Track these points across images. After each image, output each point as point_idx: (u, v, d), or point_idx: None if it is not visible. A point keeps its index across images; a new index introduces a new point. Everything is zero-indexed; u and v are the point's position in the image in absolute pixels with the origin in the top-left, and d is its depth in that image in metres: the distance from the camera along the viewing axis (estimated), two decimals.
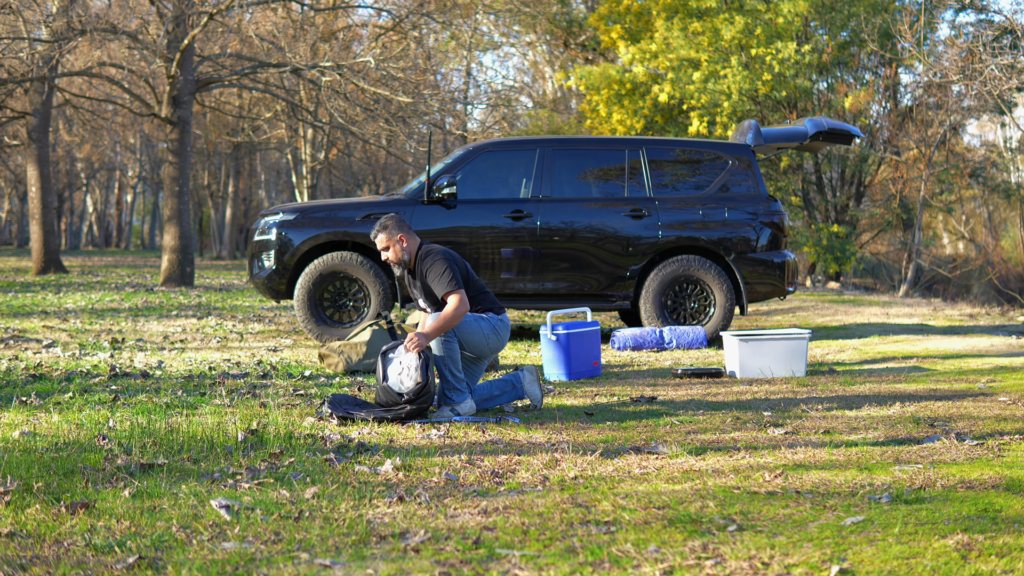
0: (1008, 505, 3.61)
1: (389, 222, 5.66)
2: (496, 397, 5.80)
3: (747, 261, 9.37)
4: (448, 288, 5.50)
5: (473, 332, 5.64)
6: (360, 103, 20.24)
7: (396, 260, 5.69)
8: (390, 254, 5.68)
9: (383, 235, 5.67)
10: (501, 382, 5.83)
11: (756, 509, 3.61)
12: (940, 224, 30.44)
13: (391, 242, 5.66)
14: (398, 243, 5.65)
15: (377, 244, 5.71)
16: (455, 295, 5.49)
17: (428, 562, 3.04)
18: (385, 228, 5.66)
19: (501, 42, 31.38)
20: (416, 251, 5.69)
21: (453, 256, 5.66)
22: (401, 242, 5.66)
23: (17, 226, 43.13)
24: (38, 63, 17.39)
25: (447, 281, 5.50)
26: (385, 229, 5.66)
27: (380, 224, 5.69)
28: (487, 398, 5.79)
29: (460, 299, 5.49)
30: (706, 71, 20.37)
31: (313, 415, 5.47)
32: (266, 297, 9.67)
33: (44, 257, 19.79)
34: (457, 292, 5.49)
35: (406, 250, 5.67)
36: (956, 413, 5.64)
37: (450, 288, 5.50)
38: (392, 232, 5.65)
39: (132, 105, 22.63)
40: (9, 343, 8.77)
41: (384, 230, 5.66)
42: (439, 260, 5.55)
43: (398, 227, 5.65)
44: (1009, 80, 14.90)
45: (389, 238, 5.66)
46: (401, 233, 5.65)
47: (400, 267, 5.71)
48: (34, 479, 3.89)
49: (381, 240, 5.68)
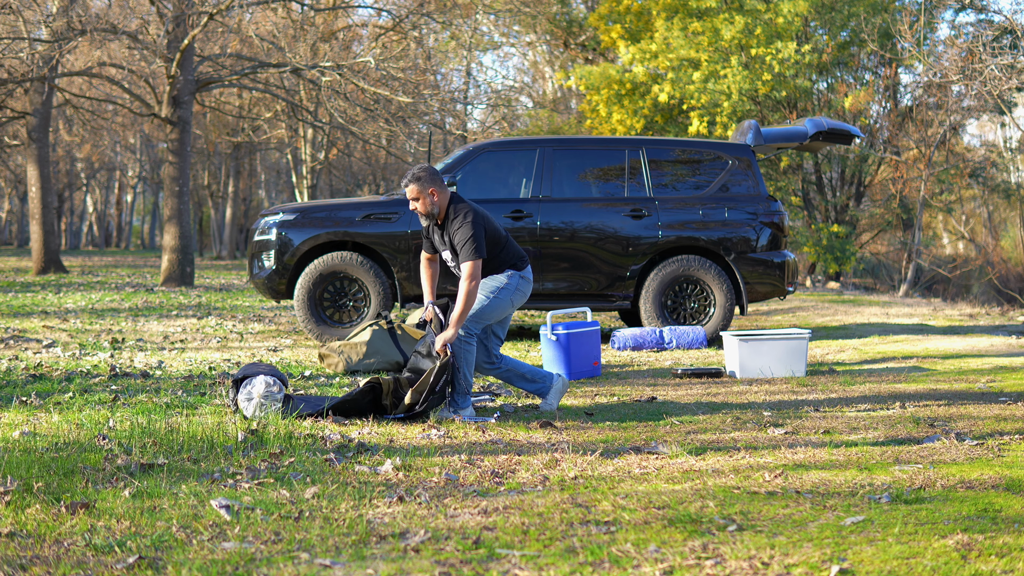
0: (1008, 505, 3.61)
1: (422, 174, 5.62)
2: (521, 376, 5.82)
3: (747, 261, 9.37)
4: (468, 256, 5.49)
5: (495, 308, 5.65)
6: (360, 103, 20.24)
7: (424, 212, 5.64)
8: (419, 205, 5.63)
9: (414, 186, 5.61)
10: (536, 371, 5.85)
11: (756, 509, 3.61)
12: (940, 224, 30.45)
13: (421, 194, 5.61)
14: (428, 196, 5.61)
15: (407, 194, 5.66)
16: (470, 264, 5.47)
17: (428, 562, 3.04)
18: (418, 179, 5.61)
19: (501, 42, 31.39)
20: (447, 205, 5.65)
21: (481, 217, 5.61)
22: (432, 195, 5.61)
23: (17, 226, 43.13)
24: (38, 63, 17.39)
25: (470, 250, 5.48)
26: (417, 180, 5.61)
27: (413, 175, 5.62)
28: (515, 371, 5.81)
29: (472, 271, 5.47)
30: (706, 71, 20.37)
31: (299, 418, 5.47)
32: (266, 297, 9.67)
33: (44, 257, 19.79)
34: (473, 261, 5.48)
35: (436, 204, 5.63)
36: (956, 413, 5.64)
37: (470, 257, 5.48)
38: (424, 184, 5.60)
39: (132, 105, 22.63)
40: (9, 343, 8.77)
41: (416, 181, 5.61)
42: (467, 224, 5.52)
43: (431, 180, 5.60)
44: (1009, 80, 14.90)
45: (420, 190, 5.61)
46: (432, 186, 5.61)
47: (427, 219, 5.69)
48: (34, 479, 3.88)
49: (412, 191, 5.62)
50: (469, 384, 5.62)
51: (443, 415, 5.53)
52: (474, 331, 5.61)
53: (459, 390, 5.60)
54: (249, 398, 5.31)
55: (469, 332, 5.60)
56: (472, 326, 5.60)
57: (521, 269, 5.74)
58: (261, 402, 5.29)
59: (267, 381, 5.35)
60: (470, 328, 5.60)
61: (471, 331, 5.60)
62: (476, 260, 5.49)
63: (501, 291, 5.66)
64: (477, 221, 5.54)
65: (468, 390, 5.63)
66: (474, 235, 5.49)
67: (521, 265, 5.75)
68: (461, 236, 5.51)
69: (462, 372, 5.58)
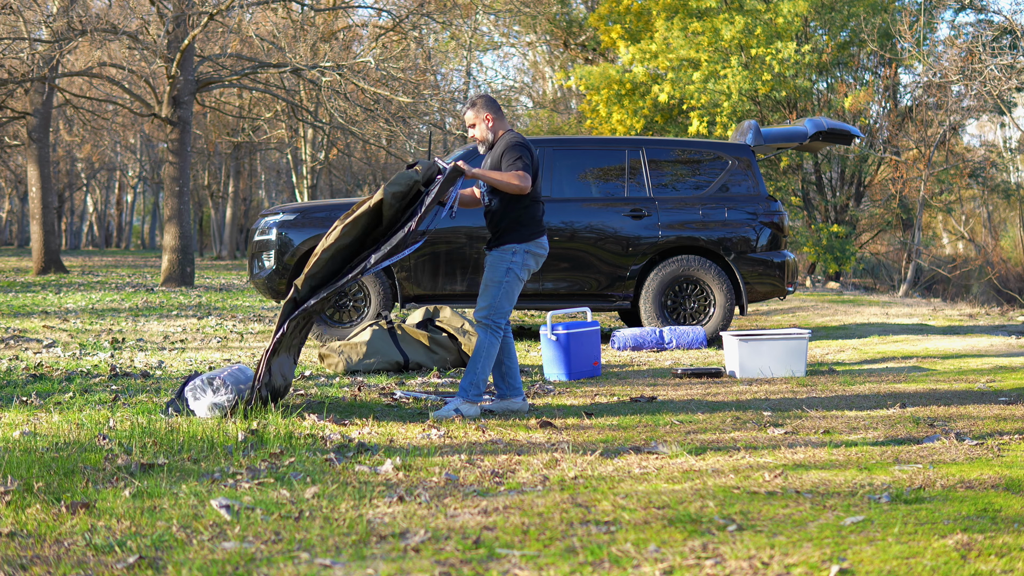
0: (1008, 505, 3.61)
1: (478, 100, 5.70)
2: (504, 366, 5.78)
3: (747, 261, 9.37)
4: (516, 168, 5.51)
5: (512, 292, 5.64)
6: (360, 103, 20.24)
7: (481, 138, 5.71)
8: (476, 132, 5.71)
9: (471, 112, 5.70)
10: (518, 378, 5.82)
11: (756, 509, 3.61)
12: (940, 224, 30.45)
13: (477, 119, 5.68)
14: (483, 122, 5.67)
15: (465, 121, 5.76)
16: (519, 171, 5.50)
17: (428, 562, 3.04)
18: (473, 105, 5.70)
19: (501, 42, 31.39)
20: (501, 133, 5.71)
21: (531, 152, 5.64)
22: (487, 121, 5.67)
23: (17, 226, 43.13)
24: (38, 63, 17.40)
25: (519, 166, 5.51)
26: (473, 106, 5.70)
27: (470, 100, 5.73)
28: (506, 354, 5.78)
29: (522, 177, 5.49)
30: (706, 71, 20.37)
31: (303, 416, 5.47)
32: (266, 297, 9.67)
33: (44, 257, 19.80)
34: (521, 171, 5.50)
35: (491, 130, 5.69)
36: (956, 413, 5.64)
37: (515, 168, 5.51)
38: (479, 110, 5.67)
39: (132, 105, 22.64)
40: (9, 343, 8.77)
41: (472, 107, 5.70)
42: (517, 146, 5.56)
43: (486, 106, 5.68)
44: (1009, 80, 14.90)
45: (476, 115, 5.68)
46: (488, 112, 5.67)
47: (484, 146, 5.76)
48: (34, 479, 3.89)
49: (469, 117, 5.72)
50: (485, 377, 5.61)
51: (445, 412, 5.51)
52: (501, 323, 5.63)
53: (472, 381, 5.58)
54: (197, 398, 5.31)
55: (496, 325, 5.61)
56: (498, 319, 5.62)
57: (528, 240, 5.66)
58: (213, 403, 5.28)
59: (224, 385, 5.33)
60: (497, 320, 5.61)
61: (498, 324, 5.61)
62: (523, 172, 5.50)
63: (508, 273, 5.64)
64: (527, 151, 5.59)
65: (483, 385, 5.61)
66: (521, 157, 5.54)
67: (529, 235, 5.66)
68: (509, 156, 5.55)
69: (481, 365, 5.58)
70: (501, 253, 5.66)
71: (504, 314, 5.63)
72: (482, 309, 5.63)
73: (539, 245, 5.72)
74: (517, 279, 5.67)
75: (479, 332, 5.65)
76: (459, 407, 5.55)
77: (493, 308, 5.61)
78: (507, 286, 5.63)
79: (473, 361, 5.62)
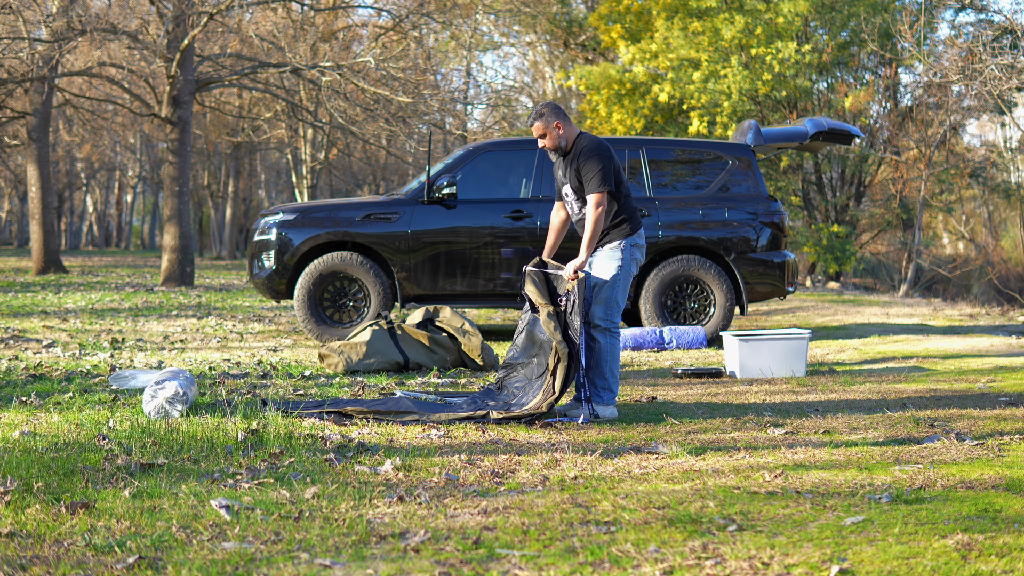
0: (1008, 505, 3.61)
1: (544, 109, 5.67)
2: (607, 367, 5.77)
3: (747, 261, 9.37)
4: (595, 188, 5.52)
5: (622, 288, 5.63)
6: (360, 103, 20.24)
7: (552, 147, 5.70)
8: (546, 141, 5.69)
9: (539, 122, 5.66)
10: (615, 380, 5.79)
11: (756, 509, 3.61)
12: (940, 224, 30.45)
13: (547, 129, 5.66)
14: (554, 130, 5.65)
15: (533, 132, 5.72)
16: (597, 195, 5.51)
17: (428, 562, 3.04)
18: (540, 116, 5.67)
19: (501, 42, 31.39)
20: (574, 138, 5.69)
21: (610, 154, 5.63)
22: (557, 128, 5.66)
23: (17, 226, 43.14)
24: (38, 63, 17.40)
25: (597, 182, 5.52)
26: (540, 116, 5.66)
27: (536, 111, 5.69)
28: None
29: (599, 200, 5.50)
30: (706, 71, 20.37)
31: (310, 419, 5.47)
32: (266, 297, 9.67)
33: (44, 257, 19.80)
34: (600, 192, 5.51)
35: (562, 136, 5.67)
36: (956, 413, 5.64)
37: (597, 188, 5.51)
38: (548, 119, 5.65)
39: (132, 105, 22.63)
40: (9, 343, 8.77)
41: (540, 117, 5.67)
42: (596, 157, 5.55)
43: (553, 114, 5.66)
44: (1009, 80, 14.90)
45: (545, 125, 5.65)
46: (557, 120, 5.65)
47: (556, 154, 5.74)
48: (34, 479, 3.88)
49: (537, 127, 5.68)
50: (616, 378, 5.61)
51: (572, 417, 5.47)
52: (617, 320, 5.62)
53: (604, 384, 5.58)
54: (153, 396, 5.32)
55: (616, 326, 5.62)
56: (616, 318, 5.62)
57: (630, 235, 5.69)
58: (163, 405, 5.29)
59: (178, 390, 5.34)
60: (616, 321, 5.61)
61: (614, 321, 5.61)
62: (602, 191, 5.51)
63: (619, 270, 5.64)
64: (604, 154, 5.57)
65: (613, 386, 5.61)
66: (602, 168, 5.53)
67: (631, 229, 5.70)
68: (589, 169, 5.54)
69: (609, 368, 5.58)
70: (610, 251, 5.66)
71: (620, 312, 5.64)
72: (600, 315, 5.61)
73: (640, 236, 5.75)
74: (628, 274, 5.67)
75: (599, 338, 5.61)
76: (595, 410, 5.54)
77: (610, 310, 5.61)
78: (621, 283, 5.65)
79: (599, 366, 5.59)
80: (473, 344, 7.49)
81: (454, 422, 5.31)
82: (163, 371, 5.79)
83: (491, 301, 9.31)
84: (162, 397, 5.30)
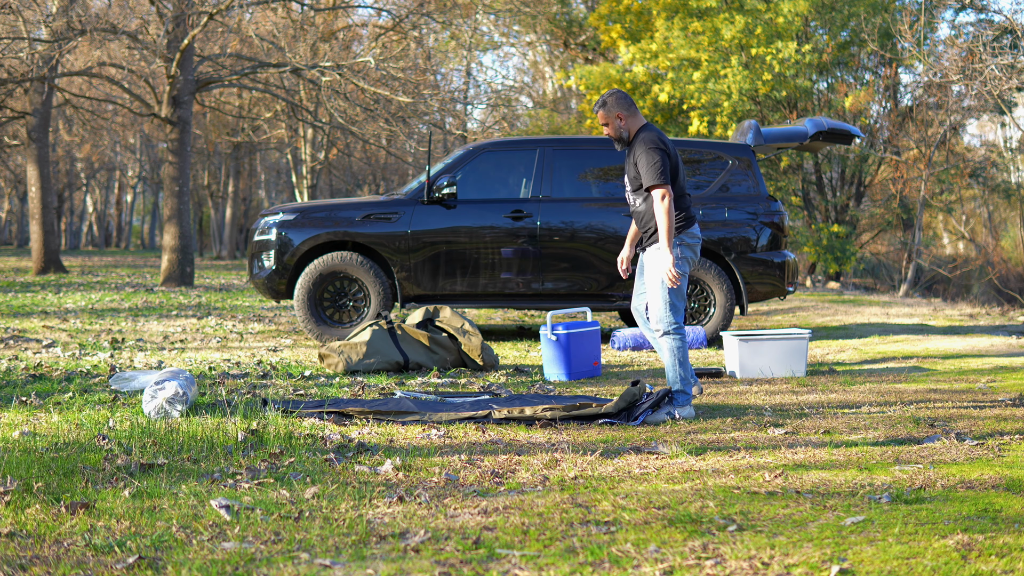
0: (1008, 505, 3.61)
1: (609, 99, 5.71)
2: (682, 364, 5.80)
3: (747, 261, 9.37)
4: (653, 181, 5.53)
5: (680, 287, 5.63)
6: (360, 103, 20.24)
7: (614, 136, 5.74)
8: (609, 130, 5.74)
9: (602, 111, 5.72)
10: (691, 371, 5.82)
11: (756, 509, 3.61)
12: (940, 224, 30.45)
13: (609, 118, 5.70)
14: (616, 119, 5.69)
15: (599, 120, 5.78)
16: (660, 189, 5.51)
17: (428, 562, 3.04)
18: (603, 104, 5.72)
19: (501, 42, 31.39)
20: (636, 130, 5.71)
21: (667, 148, 5.63)
22: (619, 119, 5.69)
23: (17, 226, 43.14)
24: (38, 63, 17.39)
25: (655, 174, 5.52)
26: (603, 105, 5.71)
27: (601, 99, 5.74)
28: None
29: (666, 193, 5.50)
30: (706, 71, 20.37)
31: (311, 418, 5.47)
32: (266, 297, 9.67)
33: (44, 257, 19.79)
34: (662, 187, 5.51)
35: (623, 127, 5.70)
36: (956, 413, 5.64)
37: (655, 181, 5.52)
38: (610, 109, 5.68)
39: (132, 105, 22.63)
40: (9, 343, 8.77)
41: (603, 106, 5.72)
42: (652, 150, 5.56)
43: (617, 104, 5.69)
44: (1009, 80, 14.90)
45: (607, 114, 5.70)
46: (619, 110, 5.68)
47: (618, 143, 5.78)
48: (34, 479, 3.88)
49: (601, 116, 5.74)
50: (688, 376, 5.63)
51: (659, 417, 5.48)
52: (678, 319, 5.62)
53: (683, 383, 5.60)
54: (153, 396, 5.32)
55: (679, 326, 5.62)
56: (678, 318, 5.62)
57: (682, 232, 5.70)
58: (163, 405, 5.29)
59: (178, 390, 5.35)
60: (679, 321, 5.62)
61: (680, 324, 5.62)
62: (663, 186, 5.51)
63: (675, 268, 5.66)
64: (661, 149, 5.58)
65: (687, 387, 5.62)
66: (660, 161, 5.54)
67: (689, 223, 5.72)
68: (645, 162, 5.57)
69: (681, 368, 5.59)
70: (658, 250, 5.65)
71: (680, 312, 5.64)
72: (659, 320, 5.62)
73: (691, 235, 5.74)
74: (681, 273, 5.68)
75: (664, 340, 5.62)
76: (671, 410, 5.55)
77: (669, 312, 5.61)
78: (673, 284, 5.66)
79: (672, 366, 5.61)
80: (473, 344, 7.49)
81: (455, 422, 5.32)
82: (163, 371, 5.80)
83: (491, 301, 9.31)
84: (162, 397, 5.30)
